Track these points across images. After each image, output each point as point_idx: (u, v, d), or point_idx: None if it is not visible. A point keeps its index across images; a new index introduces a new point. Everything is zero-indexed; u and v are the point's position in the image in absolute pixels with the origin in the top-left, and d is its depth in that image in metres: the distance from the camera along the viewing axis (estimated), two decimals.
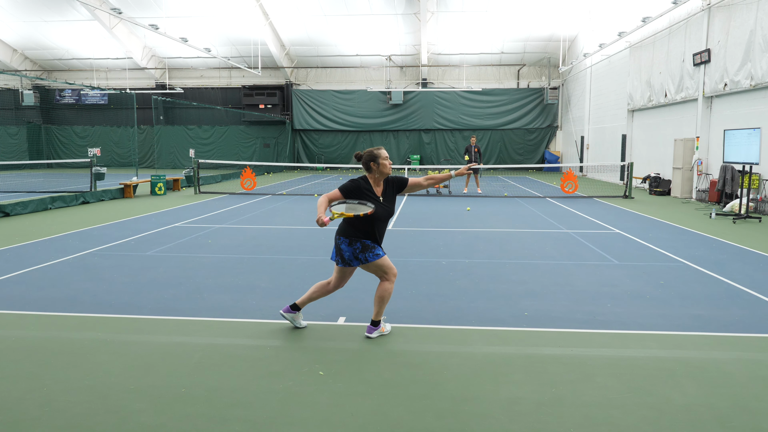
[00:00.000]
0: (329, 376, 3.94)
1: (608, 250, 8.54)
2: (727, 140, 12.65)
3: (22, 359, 4.23)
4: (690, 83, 16.73)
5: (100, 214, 12.64)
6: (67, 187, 19.22)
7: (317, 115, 33.62)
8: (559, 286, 6.45)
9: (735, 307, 5.63)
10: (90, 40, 31.12)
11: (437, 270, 7.21)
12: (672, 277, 6.83)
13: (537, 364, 4.16)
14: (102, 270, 7.12)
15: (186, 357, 4.28)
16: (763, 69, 13.15)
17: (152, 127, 33.98)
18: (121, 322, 5.10)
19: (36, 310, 5.46)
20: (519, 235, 9.95)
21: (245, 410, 3.44)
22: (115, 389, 3.72)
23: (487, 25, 27.97)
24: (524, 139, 33.01)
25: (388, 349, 4.49)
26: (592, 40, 25.75)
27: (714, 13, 15.46)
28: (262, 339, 4.69)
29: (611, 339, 4.73)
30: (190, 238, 9.49)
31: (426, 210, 13.69)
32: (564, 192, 17.49)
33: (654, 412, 3.43)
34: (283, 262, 7.64)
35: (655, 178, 18.49)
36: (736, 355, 4.35)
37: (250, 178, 18.25)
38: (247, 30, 28.71)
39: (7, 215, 12.14)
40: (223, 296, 5.97)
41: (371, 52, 31.71)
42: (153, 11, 27.15)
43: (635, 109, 21.27)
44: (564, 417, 3.36)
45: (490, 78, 32.81)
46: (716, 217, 12.32)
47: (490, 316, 5.31)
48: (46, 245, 8.80)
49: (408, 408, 3.48)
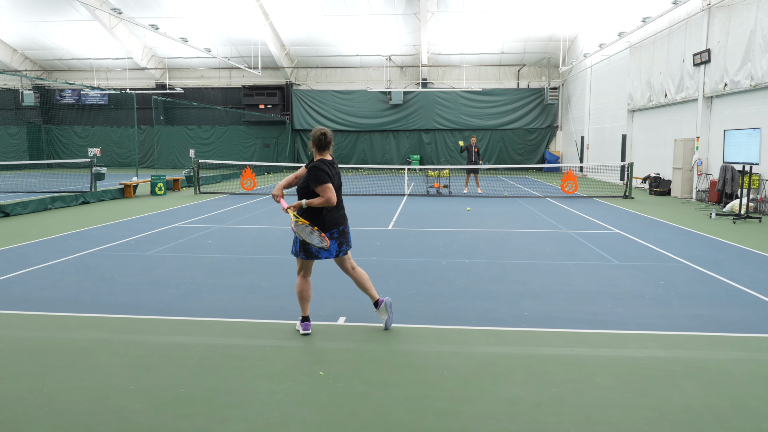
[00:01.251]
0: (329, 376, 3.94)
1: (608, 250, 8.54)
2: (727, 140, 12.65)
3: (22, 359, 4.23)
4: (690, 83, 16.73)
5: (100, 214, 12.64)
6: (67, 187, 19.22)
7: (317, 115, 33.61)
8: (559, 286, 6.45)
9: (735, 307, 5.63)
10: (90, 40, 31.12)
11: (437, 270, 7.21)
12: (672, 277, 6.83)
13: (537, 364, 4.16)
14: (102, 270, 7.12)
15: (186, 357, 4.28)
16: (763, 69, 13.15)
17: (152, 127, 33.97)
18: (121, 322, 5.10)
19: (36, 310, 5.46)
20: (519, 235, 9.95)
21: (245, 410, 3.44)
22: (115, 389, 3.72)
23: (487, 25, 27.97)
24: (524, 139, 33.00)
25: (388, 349, 4.49)
26: (592, 40, 25.75)
27: (714, 13, 15.46)
28: (262, 339, 4.69)
29: (611, 339, 4.73)
30: (190, 238, 9.49)
31: (426, 210, 13.69)
32: (564, 192, 17.49)
33: (654, 412, 3.43)
34: (283, 262, 7.64)
35: (655, 178, 18.49)
36: (736, 355, 4.35)
37: (250, 178, 18.25)
38: (247, 30, 28.71)
39: (7, 215, 12.15)
40: (223, 296, 5.97)
41: (371, 52, 31.70)
42: (153, 11, 27.15)
43: (635, 109, 21.27)
44: (564, 417, 3.36)
45: (490, 78, 32.81)
46: (716, 217, 12.32)
47: (490, 316, 5.31)
48: (46, 245, 8.81)
49: (408, 408, 3.48)
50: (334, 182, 4.65)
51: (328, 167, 4.64)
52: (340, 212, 4.75)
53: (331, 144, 4.81)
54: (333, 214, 4.68)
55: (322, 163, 4.64)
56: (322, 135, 4.73)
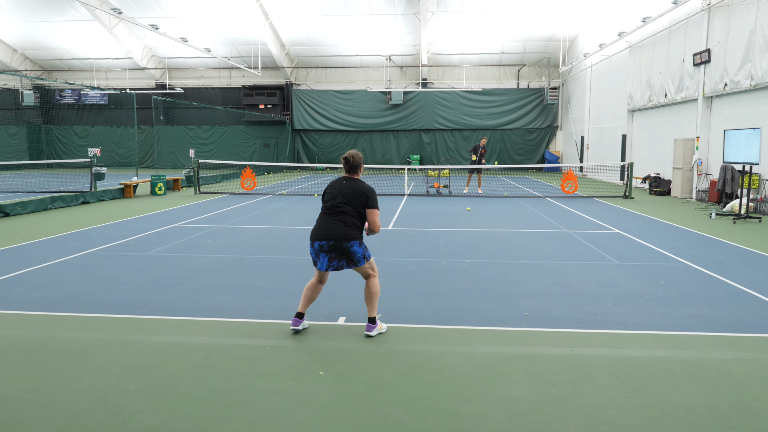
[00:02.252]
0: (329, 376, 3.94)
1: (608, 250, 8.54)
2: (727, 140, 12.65)
3: (22, 359, 4.23)
4: (690, 83, 16.73)
5: (100, 214, 12.64)
6: (67, 187, 19.22)
7: (317, 115, 33.62)
8: (559, 286, 6.45)
9: (735, 307, 5.63)
10: (90, 40, 31.12)
11: (437, 270, 7.21)
12: (672, 277, 6.83)
13: (537, 364, 4.16)
14: (102, 270, 7.12)
15: (186, 357, 4.28)
16: (763, 69, 13.15)
17: (152, 127, 33.97)
18: (121, 322, 5.10)
19: (36, 310, 5.46)
20: (519, 235, 9.95)
21: (245, 410, 3.44)
22: (115, 389, 3.72)
23: (487, 25, 27.97)
24: (524, 139, 33.00)
25: (388, 349, 4.49)
26: (592, 40, 25.75)
27: (714, 13, 15.46)
28: (262, 339, 4.69)
29: (611, 339, 4.73)
30: (190, 238, 9.49)
31: (426, 210, 13.69)
32: (564, 192, 17.49)
33: (654, 412, 3.43)
34: (283, 262, 7.64)
35: (655, 178, 18.49)
36: (736, 355, 4.35)
37: (250, 178, 18.25)
38: (247, 30, 28.71)
39: (7, 215, 12.14)
40: (223, 296, 5.97)
41: (371, 52, 31.71)
42: (153, 11, 27.15)
43: (635, 109, 21.27)
44: (564, 417, 3.36)
45: (490, 78, 32.81)
46: (716, 217, 12.32)
47: (490, 316, 5.31)
48: (46, 245, 8.80)
49: (408, 408, 3.48)
50: (324, 198, 4.92)
51: (331, 185, 4.93)
52: (323, 221, 4.82)
53: (355, 167, 4.92)
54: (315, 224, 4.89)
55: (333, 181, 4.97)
56: (343, 159, 4.94)
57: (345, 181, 4.84)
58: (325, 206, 4.84)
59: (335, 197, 4.79)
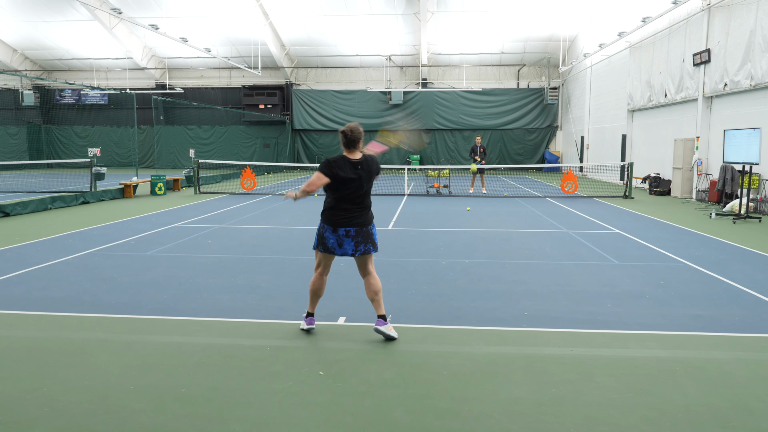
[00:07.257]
0: (329, 376, 3.94)
1: (608, 250, 8.54)
2: (727, 140, 12.65)
3: (22, 359, 4.23)
4: (690, 83, 16.73)
5: (100, 214, 12.64)
6: (67, 187, 19.22)
7: (317, 115, 33.61)
8: (559, 286, 6.45)
9: (735, 307, 5.63)
10: (90, 40, 31.11)
11: (437, 270, 7.21)
12: (672, 277, 6.83)
13: (537, 364, 4.16)
14: (102, 270, 7.12)
15: (186, 357, 4.28)
16: (763, 69, 13.15)
17: (152, 127, 33.95)
18: (121, 322, 5.10)
19: (36, 310, 5.46)
20: (519, 235, 9.95)
21: (245, 410, 3.44)
22: (115, 389, 3.71)
23: (487, 25, 27.97)
24: (524, 139, 33.00)
25: (388, 349, 4.49)
26: (592, 40, 25.74)
27: (714, 13, 15.46)
28: (262, 339, 4.69)
29: (611, 339, 4.72)
30: (190, 238, 9.49)
31: (426, 210, 13.69)
32: (564, 192, 17.49)
33: (654, 412, 3.43)
34: (283, 262, 7.64)
35: (655, 178, 18.48)
36: (736, 355, 4.35)
37: (250, 178, 18.25)
38: (247, 30, 28.70)
39: (7, 215, 12.14)
40: (223, 296, 5.97)
41: (371, 52, 31.70)
42: (153, 11, 27.14)
43: (635, 109, 21.27)
44: (564, 417, 3.36)
45: (490, 78, 32.80)
46: (716, 217, 12.32)
47: (490, 316, 5.31)
48: (46, 245, 8.80)
49: (408, 408, 3.48)
50: (332, 178, 4.50)
51: (331, 163, 4.52)
52: (348, 211, 4.58)
53: (354, 141, 4.59)
54: (334, 211, 4.60)
55: (332, 159, 4.55)
56: (341, 133, 4.62)
57: (353, 163, 4.53)
58: (348, 195, 4.53)
59: (360, 186, 4.56)
